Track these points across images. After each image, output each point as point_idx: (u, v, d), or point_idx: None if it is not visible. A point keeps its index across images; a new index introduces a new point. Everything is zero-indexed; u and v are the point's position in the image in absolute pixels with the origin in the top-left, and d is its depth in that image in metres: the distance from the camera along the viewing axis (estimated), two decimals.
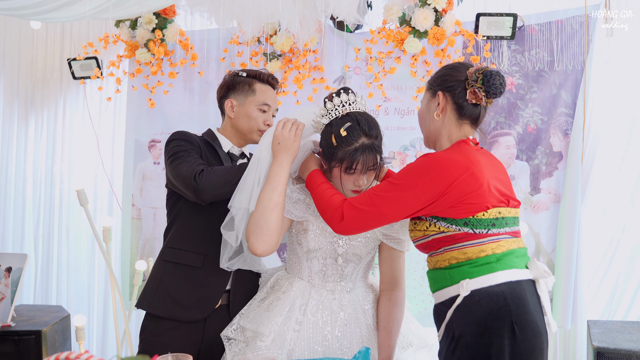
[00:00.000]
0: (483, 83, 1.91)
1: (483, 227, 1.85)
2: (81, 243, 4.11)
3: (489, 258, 1.84)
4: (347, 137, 1.98)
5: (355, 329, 2.09)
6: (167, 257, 2.37)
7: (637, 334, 2.68)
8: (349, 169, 1.99)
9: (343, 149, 1.99)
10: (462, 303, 1.82)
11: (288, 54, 3.55)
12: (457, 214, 1.85)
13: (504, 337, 1.77)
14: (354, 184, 2.03)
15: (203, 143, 2.41)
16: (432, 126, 2.01)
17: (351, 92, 2.07)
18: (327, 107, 2.06)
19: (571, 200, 3.38)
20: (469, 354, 1.79)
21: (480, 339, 1.78)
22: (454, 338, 1.82)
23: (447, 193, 1.83)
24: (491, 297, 1.79)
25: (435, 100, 2.00)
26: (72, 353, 1.12)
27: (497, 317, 1.78)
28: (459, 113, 1.97)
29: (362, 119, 2.01)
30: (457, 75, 1.97)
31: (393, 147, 3.57)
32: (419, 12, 3.31)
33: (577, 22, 3.42)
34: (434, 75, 2.05)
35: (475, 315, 1.79)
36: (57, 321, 3.22)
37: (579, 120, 3.39)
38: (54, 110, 4.12)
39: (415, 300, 3.52)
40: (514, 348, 1.77)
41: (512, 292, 1.81)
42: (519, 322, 1.78)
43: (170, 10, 3.66)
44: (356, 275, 2.16)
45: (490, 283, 1.82)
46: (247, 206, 2.05)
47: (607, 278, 3.49)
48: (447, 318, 1.85)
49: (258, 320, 2.10)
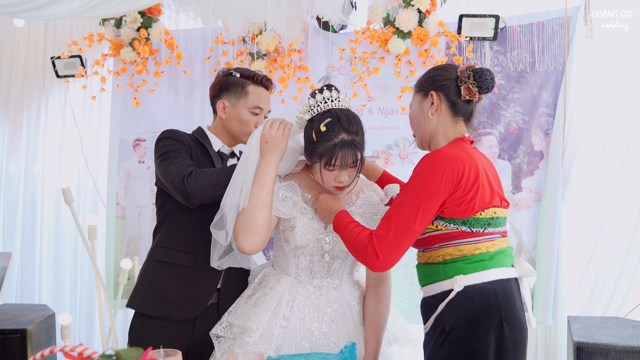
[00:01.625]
0: (475, 79, 1.96)
1: (480, 226, 1.90)
2: (65, 242, 4.09)
3: (483, 256, 1.90)
4: (327, 132, 1.99)
5: (342, 324, 2.11)
6: (157, 257, 2.36)
7: (615, 328, 2.74)
8: (328, 165, 2.00)
9: (323, 145, 2.00)
10: (455, 298, 1.86)
11: (273, 54, 3.57)
12: (459, 213, 1.88)
13: (492, 332, 1.83)
14: (335, 180, 2.03)
15: (193, 142, 2.39)
16: (427, 126, 2.03)
17: (334, 89, 2.08)
18: (310, 103, 2.08)
19: (552, 198, 3.44)
20: (458, 347, 1.84)
21: (470, 333, 1.83)
22: (444, 331, 1.87)
23: (457, 190, 1.86)
24: (483, 294, 1.86)
25: (428, 101, 2.02)
26: (67, 346, 1.13)
27: (487, 313, 1.84)
28: (453, 110, 2.01)
29: (342, 115, 2.02)
30: (447, 75, 2.01)
31: (377, 147, 3.61)
32: (403, 13, 3.35)
33: (558, 23, 3.49)
34: (423, 78, 2.07)
35: (467, 310, 1.85)
36: (42, 320, 3.20)
37: (560, 120, 3.46)
38: (36, 109, 4.10)
39: (400, 297, 3.56)
40: (501, 343, 1.84)
41: (502, 290, 1.88)
42: (507, 319, 1.85)
43: (156, 9, 3.66)
44: (343, 272, 2.18)
45: (483, 280, 1.88)
46: (238, 203, 2.06)
47: (587, 275, 3.56)
48: (437, 311, 1.89)
49: (245, 316, 2.12)
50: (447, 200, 1.86)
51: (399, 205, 1.87)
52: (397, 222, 1.84)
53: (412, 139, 3.57)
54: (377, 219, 2.16)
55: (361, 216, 2.15)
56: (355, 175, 2.07)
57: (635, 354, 2.50)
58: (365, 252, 1.86)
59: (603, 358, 2.55)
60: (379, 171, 2.35)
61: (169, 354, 1.72)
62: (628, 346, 2.51)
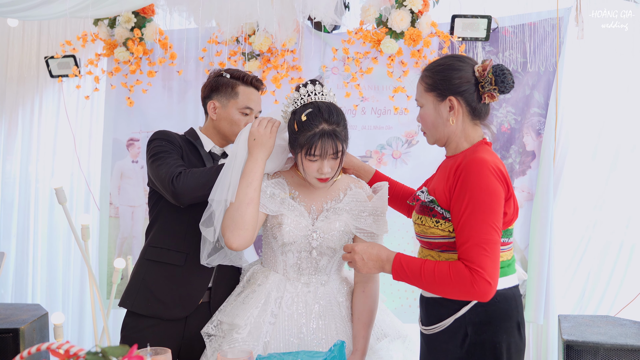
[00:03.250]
0: (497, 83, 1.89)
1: (507, 236, 1.93)
2: (58, 241, 4.10)
3: (503, 263, 1.93)
4: (307, 122, 2.01)
5: (330, 321, 2.13)
6: (149, 256, 2.39)
7: (605, 327, 2.76)
8: (309, 155, 2.02)
9: (304, 134, 2.02)
10: (479, 303, 1.87)
11: (266, 54, 3.59)
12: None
13: (512, 335, 1.89)
14: (318, 171, 2.05)
15: (185, 142, 2.42)
16: (446, 131, 1.97)
17: (318, 83, 2.11)
18: (294, 96, 2.11)
19: (543, 198, 3.46)
20: (482, 350, 1.87)
21: (494, 337, 1.87)
22: (467, 334, 1.88)
23: (508, 199, 1.85)
24: (506, 299, 1.90)
25: (445, 105, 1.94)
26: (54, 343, 1.14)
27: (509, 317, 1.90)
28: (473, 115, 1.95)
29: (323, 106, 2.04)
30: (465, 77, 1.92)
31: (370, 147, 3.62)
32: (396, 14, 3.36)
33: (549, 24, 3.51)
34: (436, 76, 1.96)
35: (491, 314, 1.88)
36: (35, 319, 3.21)
37: (551, 120, 3.47)
38: (31, 109, 4.10)
39: (393, 296, 3.57)
40: (517, 345, 1.91)
41: (517, 295, 1.96)
42: (521, 322, 1.94)
43: (149, 9, 3.67)
44: (330, 268, 2.20)
45: (504, 286, 1.91)
46: (226, 198, 2.08)
47: (579, 274, 3.58)
48: (459, 314, 1.90)
49: (234, 313, 2.14)
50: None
51: (477, 227, 1.78)
52: (489, 243, 1.77)
53: (405, 139, 3.59)
54: (364, 216, 2.16)
55: (348, 213, 2.16)
56: (337, 167, 2.08)
57: (623, 352, 2.52)
58: (475, 286, 1.76)
59: (592, 356, 2.57)
60: (371, 172, 2.36)
61: (158, 352, 1.73)
62: (617, 344, 2.53)
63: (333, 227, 2.12)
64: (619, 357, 2.54)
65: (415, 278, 1.86)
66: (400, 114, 3.55)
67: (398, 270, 1.89)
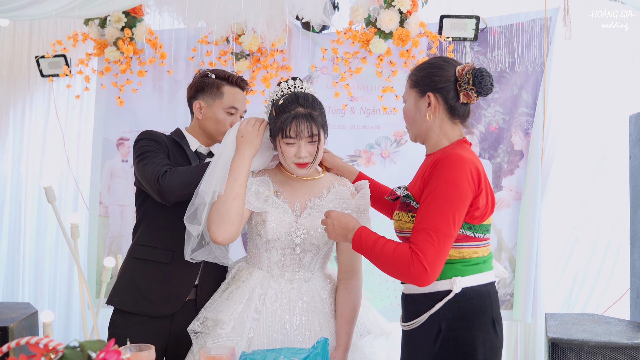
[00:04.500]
0: (474, 84, 1.92)
1: (482, 232, 1.95)
2: (48, 241, 4.11)
3: (478, 259, 1.95)
4: (284, 105, 2.09)
5: (314, 317, 2.15)
6: (136, 254, 2.41)
7: (590, 325, 2.78)
8: (285, 136, 2.07)
9: (280, 118, 2.08)
10: (453, 299, 1.90)
11: (256, 54, 3.60)
12: (471, 219, 1.89)
13: (486, 332, 1.90)
14: (295, 155, 2.09)
15: (171, 142, 2.45)
16: (424, 126, 2.01)
17: (299, 79, 2.18)
18: (275, 90, 2.18)
19: (531, 197, 3.49)
20: (454, 346, 1.89)
21: (467, 333, 1.89)
22: (440, 330, 1.90)
23: (478, 195, 1.87)
24: (480, 295, 1.92)
25: (424, 101, 1.99)
26: (33, 338, 1.16)
27: (483, 314, 1.91)
28: (451, 113, 1.99)
29: (300, 93, 2.12)
30: (445, 75, 1.97)
31: (359, 146, 3.64)
32: (384, 14, 3.39)
33: (537, 24, 3.53)
34: (420, 73, 2.02)
35: (464, 310, 1.90)
36: (24, 317, 3.21)
37: (539, 120, 3.50)
38: (22, 108, 4.11)
39: (382, 294, 3.59)
40: (492, 342, 1.92)
41: (493, 291, 1.97)
42: (497, 319, 1.95)
43: (140, 10, 3.68)
44: (314, 265, 2.22)
45: (479, 282, 1.93)
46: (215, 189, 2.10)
47: (566, 273, 3.61)
48: (433, 310, 1.91)
49: (218, 308, 2.17)
50: (472, 201, 1.86)
51: (432, 215, 1.81)
52: (437, 232, 1.79)
53: (394, 138, 3.61)
54: (347, 213, 2.18)
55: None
56: (315, 153, 2.11)
57: (607, 349, 2.53)
58: (411, 267, 1.78)
59: (577, 353, 2.58)
60: (355, 172, 2.38)
61: (142, 348, 1.75)
62: (601, 342, 2.54)
63: (316, 224, 2.15)
64: (603, 354, 2.55)
65: (368, 252, 1.90)
66: (389, 113, 3.57)
67: (356, 241, 1.93)
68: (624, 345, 2.51)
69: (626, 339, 2.55)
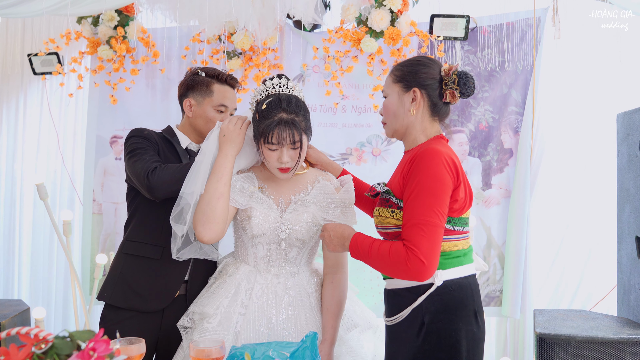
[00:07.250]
0: (459, 84, 1.99)
1: (461, 225, 1.98)
2: (42, 238, 4.12)
3: (459, 252, 1.98)
4: (267, 110, 2.08)
5: (300, 311, 2.17)
6: (126, 250, 2.44)
7: (577, 320, 2.81)
8: (267, 142, 2.08)
9: (263, 123, 2.08)
10: (435, 292, 1.93)
11: (248, 52, 3.63)
12: (450, 212, 1.92)
13: (468, 324, 1.94)
14: (278, 160, 2.11)
15: (161, 139, 2.48)
16: (405, 120, 2.04)
17: (284, 77, 2.18)
18: (260, 89, 2.19)
19: (520, 195, 3.52)
20: (437, 338, 1.92)
21: (449, 325, 1.92)
22: (423, 323, 1.93)
23: (457, 187, 1.90)
24: (461, 288, 1.96)
25: (409, 95, 2.02)
26: (23, 328, 1.18)
27: (465, 306, 1.94)
28: (433, 110, 2.04)
29: (284, 97, 2.11)
30: (432, 73, 2.01)
31: (350, 144, 3.67)
32: (375, 13, 3.42)
33: (527, 24, 3.57)
34: (405, 69, 2.05)
35: (446, 303, 1.93)
36: (16, 314, 3.23)
37: (528, 119, 3.54)
38: (15, 106, 4.12)
39: (372, 292, 3.61)
40: (474, 334, 1.95)
41: (474, 284, 2.01)
42: (478, 311, 1.98)
43: (132, 8, 3.70)
44: (300, 260, 2.25)
45: (460, 275, 1.97)
46: (197, 190, 2.12)
47: (554, 269, 3.65)
48: (416, 303, 1.95)
49: (204, 302, 2.19)
50: (452, 193, 1.90)
51: (420, 209, 1.85)
52: (427, 225, 1.83)
53: (385, 137, 3.63)
54: (332, 207, 2.21)
55: (316, 205, 2.21)
56: (297, 158, 2.13)
57: (594, 344, 2.57)
58: (408, 263, 1.82)
59: (564, 348, 2.61)
60: (339, 169, 2.39)
61: (132, 342, 1.77)
62: (587, 337, 2.58)
63: (301, 219, 2.17)
64: (590, 349, 2.58)
65: (365, 256, 1.94)
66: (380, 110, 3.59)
67: (353, 248, 1.98)
68: (610, 340, 2.55)
69: (612, 334, 2.58)
